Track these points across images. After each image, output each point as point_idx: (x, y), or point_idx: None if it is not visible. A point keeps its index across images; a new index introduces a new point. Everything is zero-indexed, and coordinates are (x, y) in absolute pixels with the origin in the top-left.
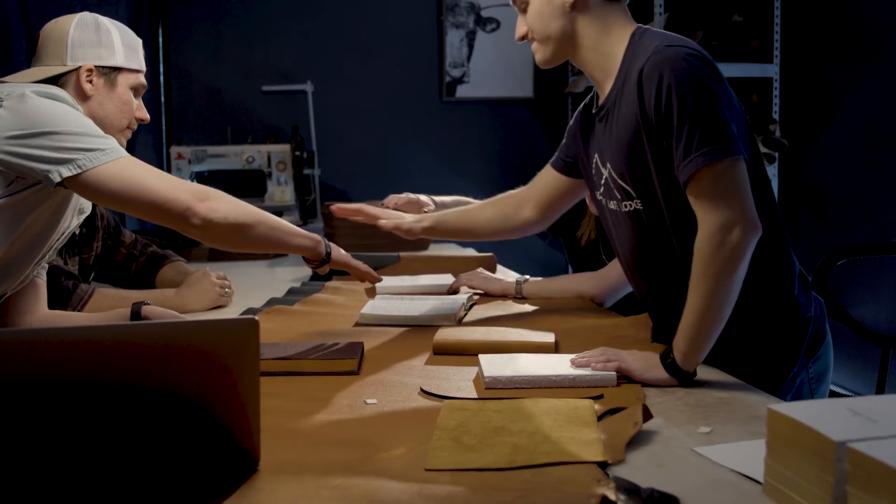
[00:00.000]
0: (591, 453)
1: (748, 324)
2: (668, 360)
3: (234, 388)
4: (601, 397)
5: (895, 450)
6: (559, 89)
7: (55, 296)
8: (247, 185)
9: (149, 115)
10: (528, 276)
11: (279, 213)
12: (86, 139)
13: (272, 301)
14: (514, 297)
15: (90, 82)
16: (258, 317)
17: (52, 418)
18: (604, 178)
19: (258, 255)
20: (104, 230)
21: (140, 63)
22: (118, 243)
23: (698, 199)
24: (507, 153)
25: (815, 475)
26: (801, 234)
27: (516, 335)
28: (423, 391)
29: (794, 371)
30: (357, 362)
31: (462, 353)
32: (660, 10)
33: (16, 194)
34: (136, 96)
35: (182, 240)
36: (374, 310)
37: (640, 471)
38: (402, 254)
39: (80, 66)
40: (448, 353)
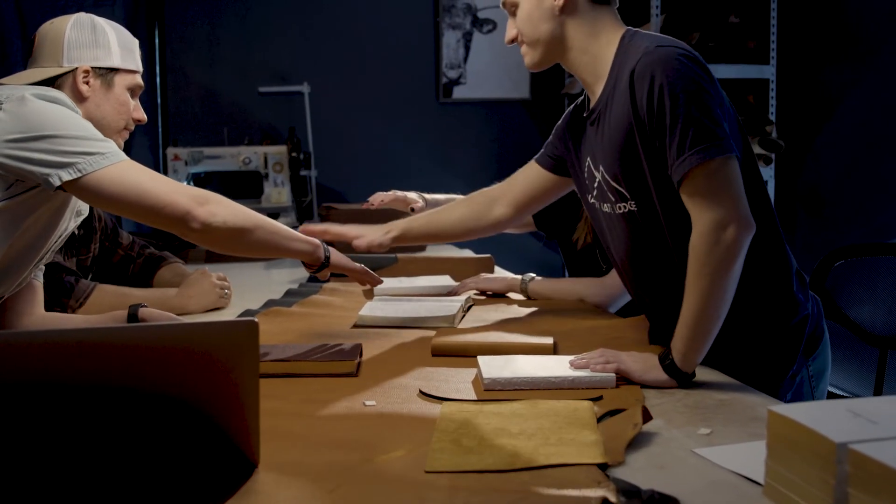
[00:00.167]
0: (591, 455)
1: (746, 322)
2: (666, 362)
3: (234, 390)
4: (600, 399)
5: None
6: (555, 90)
7: (56, 292)
8: (243, 186)
9: (146, 116)
10: (533, 275)
11: (276, 214)
12: (86, 143)
13: (270, 303)
14: (519, 302)
15: (87, 83)
16: (256, 318)
17: (51, 421)
18: (597, 181)
19: (256, 258)
20: (101, 232)
21: (137, 63)
22: (115, 245)
23: (692, 198)
24: (504, 154)
25: (816, 476)
26: (798, 234)
27: (515, 337)
28: (421, 393)
29: (793, 369)
30: (355, 364)
31: (460, 354)
32: (656, 11)
33: (15, 197)
34: (133, 97)
35: (179, 241)
36: (372, 311)
37: (640, 472)
38: (400, 255)
39: (77, 68)
40: (446, 354)
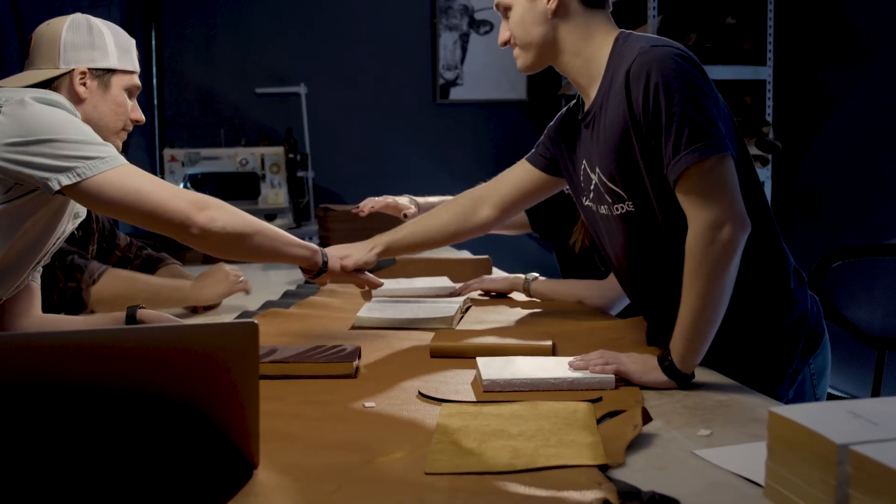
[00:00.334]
0: (591, 456)
1: (744, 320)
2: (666, 363)
3: (233, 391)
4: (600, 400)
5: None
6: (552, 91)
7: (67, 271)
8: (240, 187)
9: (144, 117)
10: (536, 274)
11: (272, 216)
12: (85, 147)
13: (268, 304)
14: (517, 304)
15: (84, 85)
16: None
17: (51, 422)
18: (593, 183)
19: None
20: (99, 233)
21: (134, 64)
22: (113, 246)
23: (687, 197)
24: (501, 155)
25: (817, 478)
26: (795, 235)
27: (513, 338)
28: (421, 394)
29: (792, 367)
30: (354, 365)
31: (459, 356)
32: (653, 12)
33: (14, 200)
34: (130, 98)
35: (176, 243)
36: (370, 313)
37: (641, 474)
38: (398, 257)
39: (74, 69)
40: (445, 356)
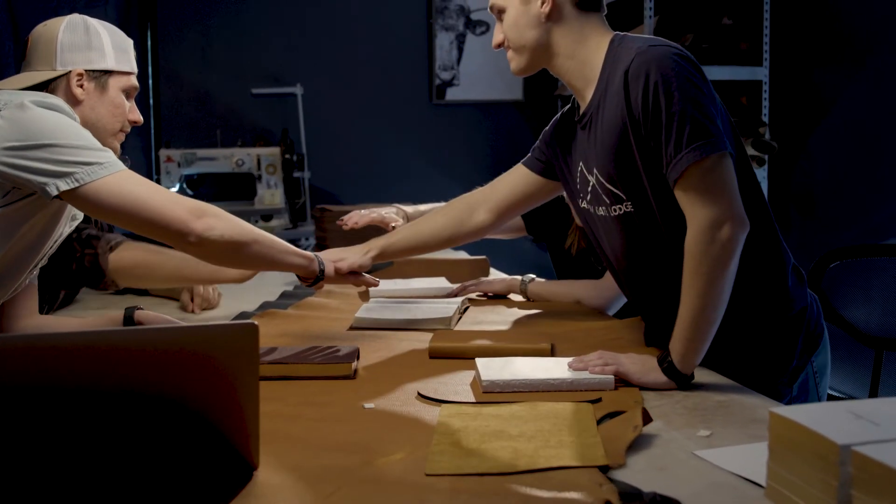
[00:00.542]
0: (591, 457)
1: (744, 318)
2: (665, 364)
3: (233, 393)
4: (599, 401)
5: None
6: (549, 92)
7: (83, 243)
8: (236, 188)
9: (142, 117)
10: (533, 276)
11: (269, 216)
12: (84, 152)
13: (265, 305)
14: (515, 304)
15: (81, 87)
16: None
17: (50, 424)
18: (590, 185)
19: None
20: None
21: (131, 65)
22: None
23: (686, 196)
24: (497, 156)
25: (819, 478)
26: (791, 236)
27: (512, 339)
28: (420, 395)
29: (794, 364)
30: (353, 366)
31: (458, 357)
32: (649, 12)
33: (11, 204)
34: (128, 99)
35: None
36: (368, 313)
37: (641, 474)
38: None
39: (71, 71)
40: (444, 357)
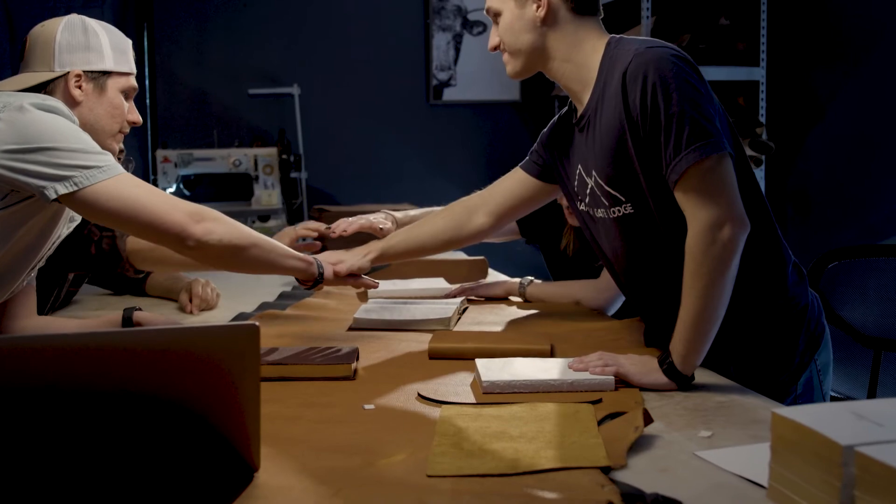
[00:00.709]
0: (593, 458)
1: (746, 317)
2: (665, 365)
3: (234, 394)
4: (600, 402)
5: None
6: (546, 93)
7: (101, 227)
8: (233, 188)
9: (141, 118)
10: (531, 278)
11: (266, 216)
12: (83, 156)
13: (264, 305)
14: (514, 304)
15: (79, 88)
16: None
17: (49, 426)
18: (589, 187)
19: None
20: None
21: (130, 65)
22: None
23: (686, 197)
24: (494, 156)
25: (821, 479)
26: (788, 236)
27: (511, 340)
28: (420, 396)
29: (797, 361)
30: (353, 367)
31: (457, 357)
32: (647, 13)
33: (9, 207)
34: (126, 99)
35: None
36: (367, 314)
37: (643, 475)
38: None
39: (69, 72)
40: (443, 357)
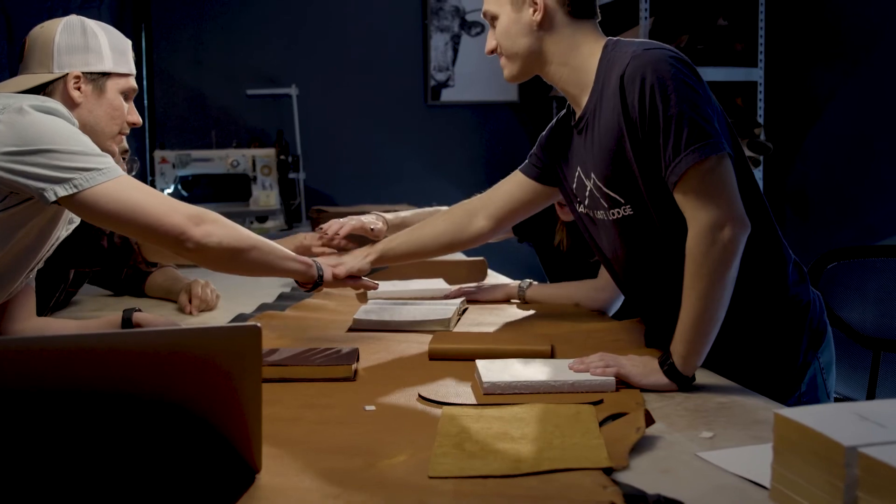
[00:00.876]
0: (595, 459)
1: (747, 316)
2: (665, 367)
3: (235, 396)
4: (601, 402)
5: None
6: (544, 93)
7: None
8: (231, 189)
9: (141, 119)
10: (530, 281)
11: (264, 217)
12: (83, 158)
13: (263, 306)
14: (514, 305)
15: (78, 89)
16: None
17: (49, 428)
18: (587, 189)
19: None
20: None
21: (129, 66)
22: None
23: (686, 198)
24: (492, 157)
25: (824, 480)
26: (786, 236)
27: (512, 341)
28: (421, 397)
29: (801, 360)
30: (353, 368)
31: (458, 358)
32: (645, 13)
33: (8, 209)
34: (126, 100)
35: None
36: (366, 315)
37: (645, 476)
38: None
39: (68, 74)
40: (443, 358)
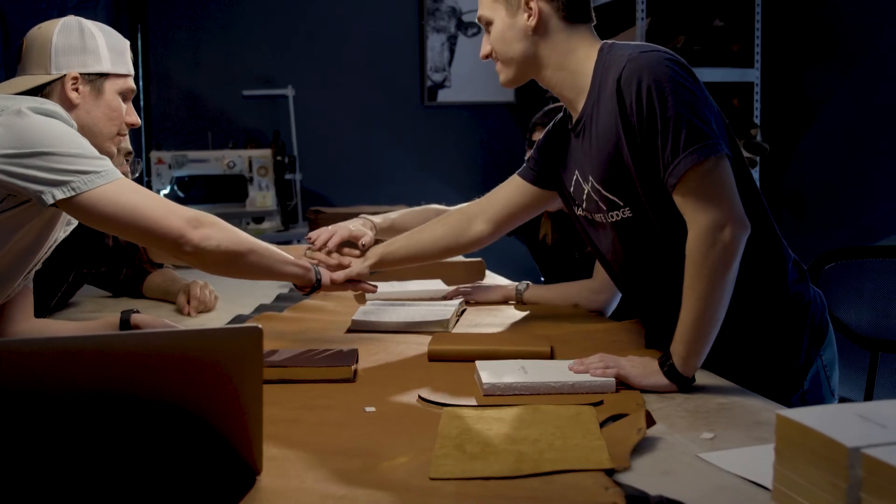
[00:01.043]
0: (596, 460)
1: (747, 316)
2: (665, 368)
3: (236, 397)
4: (601, 403)
5: None
6: (541, 94)
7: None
8: (228, 190)
9: (139, 120)
10: (528, 282)
11: (260, 218)
12: (81, 161)
13: (261, 307)
14: (513, 306)
15: (76, 91)
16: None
17: (49, 430)
18: (586, 192)
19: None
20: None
21: (127, 67)
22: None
23: (686, 200)
24: (489, 157)
25: (827, 481)
26: (783, 237)
27: (511, 342)
28: (421, 398)
29: (802, 359)
30: (353, 369)
31: (457, 359)
32: (641, 14)
33: (6, 211)
34: (124, 101)
35: None
36: (365, 316)
37: (646, 477)
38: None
39: (65, 75)
40: (443, 359)
